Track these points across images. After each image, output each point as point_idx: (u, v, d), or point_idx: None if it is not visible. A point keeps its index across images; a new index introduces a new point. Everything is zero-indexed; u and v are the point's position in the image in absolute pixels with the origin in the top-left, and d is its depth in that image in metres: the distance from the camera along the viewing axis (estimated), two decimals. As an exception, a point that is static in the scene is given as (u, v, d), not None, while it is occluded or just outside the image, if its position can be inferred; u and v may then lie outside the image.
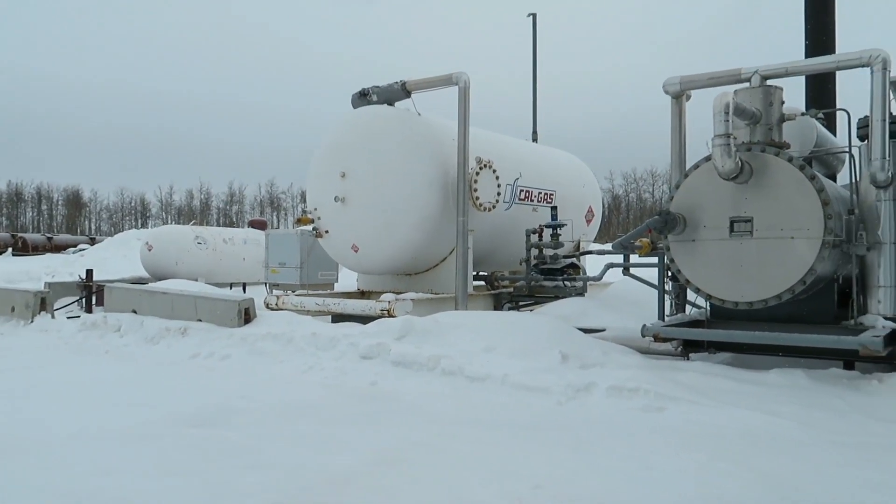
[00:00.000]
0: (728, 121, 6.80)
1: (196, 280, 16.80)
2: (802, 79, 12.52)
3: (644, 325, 7.86)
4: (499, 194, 11.61)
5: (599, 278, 11.29)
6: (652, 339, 7.91)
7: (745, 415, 5.90)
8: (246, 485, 4.33)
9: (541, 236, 11.99)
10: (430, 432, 5.62)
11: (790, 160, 7.11)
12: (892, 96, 8.14)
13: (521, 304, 12.35)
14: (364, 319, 9.84)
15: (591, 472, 4.60)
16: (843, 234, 7.12)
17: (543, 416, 6.30)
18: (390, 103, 11.47)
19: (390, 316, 9.82)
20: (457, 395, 7.09)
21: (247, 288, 21.66)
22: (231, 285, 21.54)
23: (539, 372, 7.32)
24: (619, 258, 11.24)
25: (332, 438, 5.46)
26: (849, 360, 7.63)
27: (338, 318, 11.03)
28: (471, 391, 7.17)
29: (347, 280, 15.71)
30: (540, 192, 13.02)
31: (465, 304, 10.67)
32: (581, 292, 11.96)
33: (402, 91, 11.17)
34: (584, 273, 12.61)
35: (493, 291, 12.47)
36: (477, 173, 11.08)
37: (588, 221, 14.81)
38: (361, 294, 12.47)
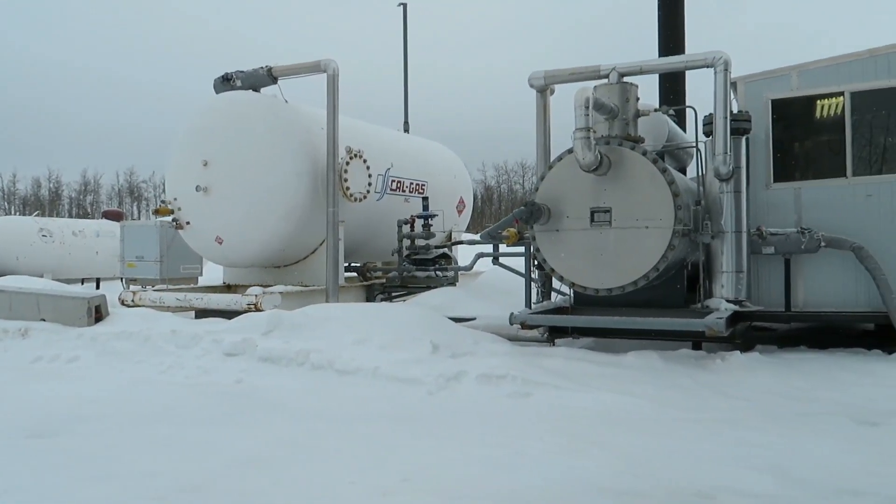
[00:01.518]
0: (588, 115, 7.08)
1: (42, 276, 15.42)
2: (656, 77, 13.31)
3: (512, 314, 8.06)
4: (370, 184, 11.49)
5: (470, 268, 11.46)
6: (519, 326, 8.13)
7: (606, 397, 6.18)
8: (89, 497, 3.99)
9: (412, 227, 12.00)
10: (298, 430, 5.46)
11: (644, 154, 7.51)
12: (732, 96, 8.81)
13: (393, 295, 12.33)
14: (230, 315, 9.43)
15: (461, 460, 4.64)
16: (691, 224, 7.63)
17: (414, 407, 6.30)
18: (255, 89, 11.03)
19: (258, 310, 9.47)
20: (326, 390, 6.94)
21: (101, 284, 20.21)
22: (83, 281, 20.02)
23: (410, 363, 7.32)
24: (489, 248, 11.46)
25: (192, 442, 5.17)
26: (697, 340, 8.22)
27: (201, 313, 10.51)
28: (341, 385, 7.05)
29: (213, 274, 15.02)
30: (412, 183, 13.03)
31: (337, 296, 10.49)
32: (453, 282, 12.10)
33: (267, 77, 10.76)
34: (456, 263, 12.76)
35: (365, 283, 12.36)
36: (347, 163, 10.90)
37: (459, 212, 15.00)
38: (227, 288, 11.95)
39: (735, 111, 8.21)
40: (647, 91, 12.31)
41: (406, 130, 15.52)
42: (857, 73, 8.18)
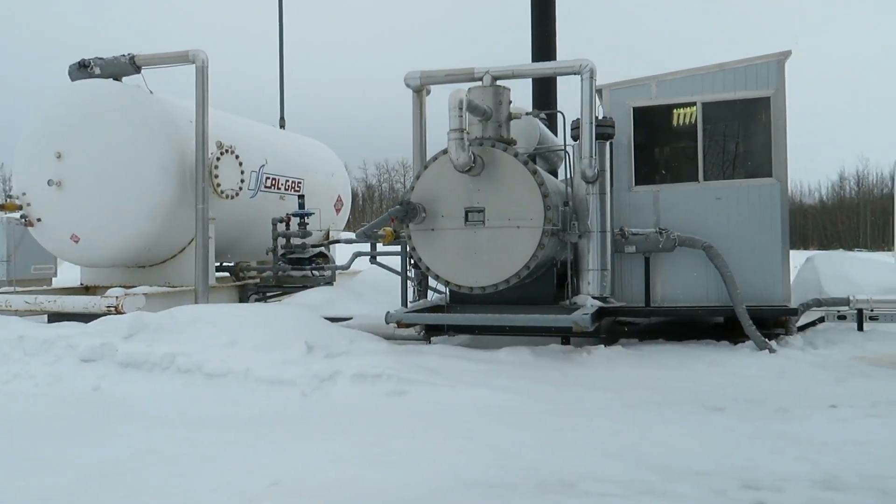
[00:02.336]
0: (462, 116, 7.20)
1: None
2: (530, 81, 13.76)
3: (387, 313, 8.07)
4: (242, 181, 11.11)
5: (347, 267, 11.36)
6: (395, 325, 8.15)
7: (479, 392, 6.32)
8: (-85, 524, 3.60)
9: (288, 225, 11.73)
10: (161, 438, 5.19)
11: (516, 156, 7.74)
12: (598, 102, 9.26)
13: (268, 295, 11.99)
14: (87, 318, 8.79)
15: (332, 462, 4.58)
16: (559, 224, 7.94)
17: (287, 409, 6.17)
18: (117, 78, 10.35)
19: (119, 313, 8.91)
20: (194, 394, 6.66)
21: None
22: (-85, 284, 18.00)
23: (284, 364, 7.15)
24: (367, 247, 11.40)
25: (40, 455, 4.79)
26: (566, 336, 8.58)
27: (55, 317, 9.74)
28: (210, 389, 6.78)
29: (71, 274, 13.96)
30: (287, 180, 12.72)
31: (207, 297, 10.06)
32: (330, 281, 11.95)
33: (130, 65, 10.13)
34: (334, 262, 12.60)
35: (238, 283, 11.95)
36: (218, 158, 10.48)
37: (338, 210, 14.82)
38: (86, 290, 11.16)
39: (600, 117, 8.63)
40: (522, 95, 12.73)
41: (282, 126, 15.13)
42: (708, 85, 8.85)
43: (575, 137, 8.51)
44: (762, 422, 5.43)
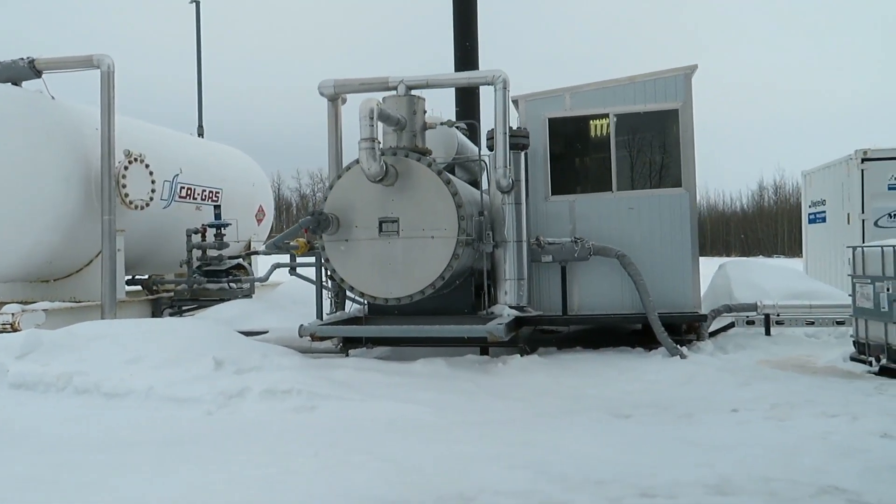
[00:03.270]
0: (373, 125, 7.12)
1: None
2: (453, 92, 13.77)
3: (301, 326, 7.88)
4: (153, 191, 10.69)
5: (265, 279, 11.09)
6: (310, 338, 7.97)
7: (390, 406, 6.22)
8: None
9: (204, 236, 11.37)
10: (45, 463, 4.87)
11: (430, 165, 7.70)
12: (516, 112, 9.34)
13: (184, 308, 11.58)
14: (-20, 337, 8.26)
15: (228, 484, 4.39)
16: (474, 234, 7.93)
17: (190, 428, 5.92)
18: (15, 83, 9.82)
19: (14, 330, 8.41)
20: (91, 416, 6.32)
21: None
22: None
23: (189, 381, 6.88)
24: (286, 258, 11.15)
25: None
26: (484, 346, 8.56)
27: (-55, 337, 9.11)
28: (109, 410, 6.46)
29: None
30: (204, 190, 12.34)
31: (114, 311, 9.62)
32: (248, 294, 11.63)
33: (30, 70, 9.64)
34: (252, 274, 12.27)
35: (151, 297, 11.48)
36: (126, 168, 10.06)
37: (259, 221, 14.48)
38: (-18, 306, 10.50)
39: (515, 127, 8.68)
40: (446, 106, 12.72)
41: (201, 135, 14.70)
42: (620, 97, 9.04)
43: (491, 148, 8.54)
44: (666, 427, 5.52)
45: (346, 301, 9.09)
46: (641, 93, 8.99)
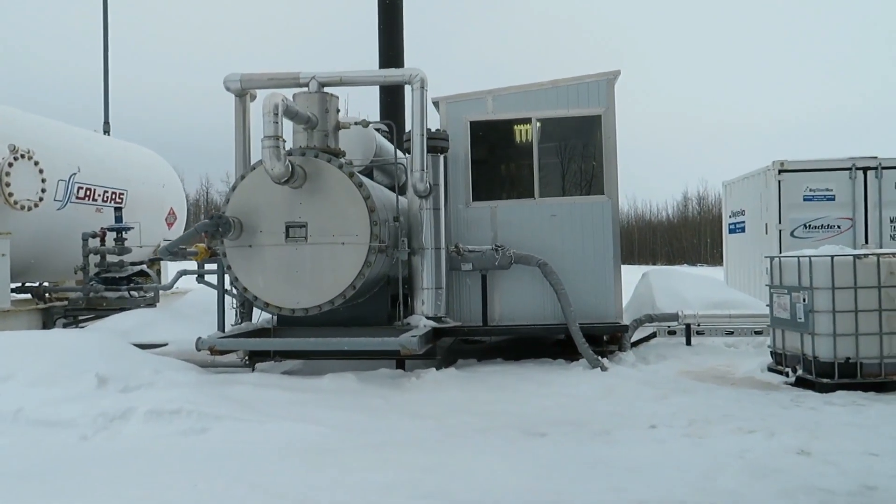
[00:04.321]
0: (277, 122, 6.60)
1: None
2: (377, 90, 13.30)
3: (199, 338, 7.27)
4: (44, 190, 9.82)
5: (170, 287, 10.36)
6: (209, 352, 7.36)
7: (288, 427, 5.71)
8: None
9: (103, 241, 10.54)
10: None
11: (341, 167, 7.23)
12: (438, 114, 8.98)
13: (80, 318, 10.70)
14: None
15: (84, 524, 3.82)
16: (388, 240, 7.50)
17: (58, 456, 5.26)
18: None
19: None
20: (-56, 443, 5.56)
21: None
22: None
23: (66, 401, 6.19)
24: (195, 265, 10.45)
25: None
26: (401, 358, 8.12)
27: None
28: (-32, 435, 5.70)
29: None
30: (106, 191, 11.49)
31: (-6, 323, 8.74)
32: (152, 303, 10.85)
33: None
34: (156, 282, 11.48)
35: (42, 306, 10.56)
36: (10, 164, 9.18)
37: (170, 224, 13.64)
38: None
39: (435, 130, 8.31)
40: (370, 105, 12.25)
41: (107, 132, 13.76)
42: (542, 101, 8.80)
43: (408, 150, 8.14)
44: (582, 447, 5.22)
45: (255, 310, 8.50)
46: (564, 97, 8.77)
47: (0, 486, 4.55)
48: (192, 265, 10.41)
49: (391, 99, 13.13)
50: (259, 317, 8.56)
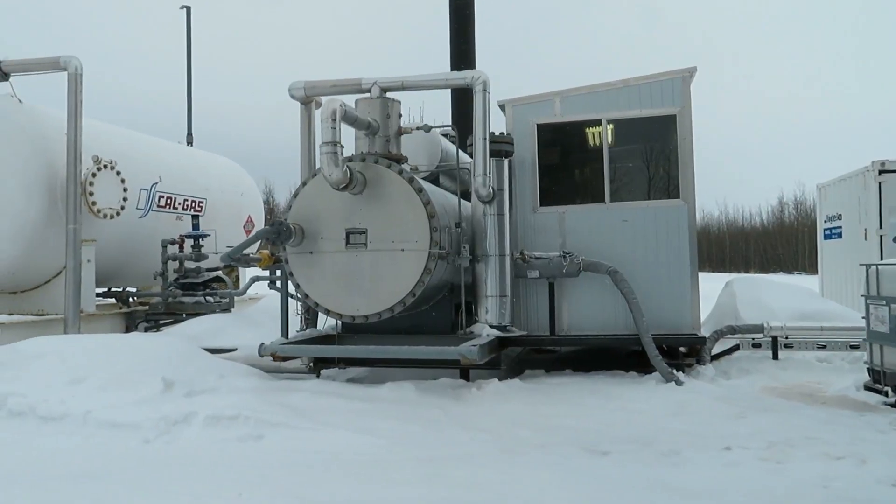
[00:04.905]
0: (335, 128, 6.55)
1: None
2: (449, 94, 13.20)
3: (261, 344, 7.31)
4: (125, 199, 10.23)
5: (243, 292, 10.57)
6: (272, 357, 7.40)
7: (340, 436, 5.62)
8: None
9: (181, 247, 10.88)
10: (-68, 501, 4.34)
11: (400, 172, 7.12)
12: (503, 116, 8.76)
13: (161, 322, 11.07)
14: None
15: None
16: (449, 247, 7.32)
17: (118, 459, 5.36)
18: (-16, 86, 9.44)
19: (-35, 345, 7.92)
20: (20, 441, 5.80)
21: None
22: None
23: (132, 404, 6.34)
24: (267, 271, 10.62)
25: None
26: (464, 367, 7.92)
27: None
28: (41, 436, 5.94)
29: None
30: (186, 200, 11.87)
31: (78, 326, 9.12)
32: (228, 308, 11.09)
33: (-4, 72, 9.24)
34: (232, 287, 11.74)
35: (124, 310, 10.99)
36: (94, 174, 9.60)
37: (248, 232, 13.96)
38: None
39: (498, 133, 8.08)
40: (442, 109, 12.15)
41: (190, 143, 14.28)
42: (613, 102, 8.42)
43: (472, 155, 7.95)
44: (645, 468, 4.86)
45: (320, 316, 8.51)
46: (636, 97, 8.36)
47: (59, 487, 4.65)
48: (264, 271, 10.61)
49: (462, 103, 12.98)
50: (325, 323, 8.56)
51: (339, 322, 7.92)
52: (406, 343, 7.35)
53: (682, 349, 8.72)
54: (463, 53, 12.70)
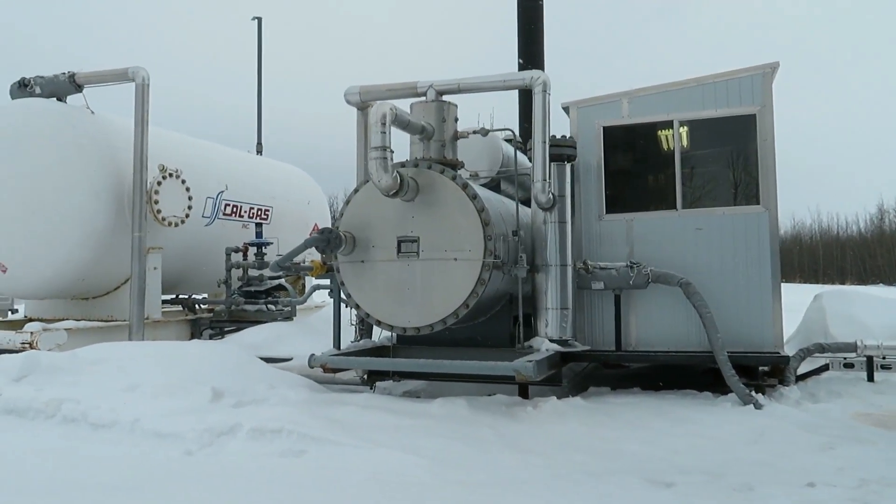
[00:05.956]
0: (385, 133, 6.30)
1: None
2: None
3: (311, 355, 7.14)
4: (190, 207, 10.35)
5: (304, 301, 10.51)
6: (322, 369, 7.22)
7: (383, 455, 5.33)
8: None
9: (245, 255, 10.93)
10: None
11: (454, 178, 6.80)
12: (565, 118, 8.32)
13: (225, 330, 11.16)
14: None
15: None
16: (505, 256, 6.95)
17: (160, 470, 5.25)
18: (60, 97, 9.76)
19: (33, 349, 8.14)
20: (71, 449, 5.79)
21: None
22: None
23: (180, 414, 6.26)
24: (328, 280, 10.54)
25: None
26: (522, 384, 7.51)
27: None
28: (91, 443, 5.93)
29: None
30: (252, 208, 11.97)
31: (142, 332, 9.26)
32: (290, 316, 11.07)
33: (70, 84, 9.54)
34: (294, 296, 11.72)
35: (189, 317, 11.14)
36: (159, 183, 9.75)
37: (314, 241, 13.98)
38: (29, 322, 10.45)
39: (561, 136, 7.66)
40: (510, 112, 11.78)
41: (259, 152, 14.46)
42: (686, 102, 7.86)
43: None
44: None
45: (375, 327, 8.29)
46: (711, 96, 7.76)
47: (96, 498, 4.56)
48: (325, 280, 10.52)
49: (529, 107, 12.58)
50: (381, 333, 8.34)
51: (393, 334, 7.68)
52: (462, 356, 7.02)
53: (762, 368, 8.01)
54: (531, 55, 12.30)
